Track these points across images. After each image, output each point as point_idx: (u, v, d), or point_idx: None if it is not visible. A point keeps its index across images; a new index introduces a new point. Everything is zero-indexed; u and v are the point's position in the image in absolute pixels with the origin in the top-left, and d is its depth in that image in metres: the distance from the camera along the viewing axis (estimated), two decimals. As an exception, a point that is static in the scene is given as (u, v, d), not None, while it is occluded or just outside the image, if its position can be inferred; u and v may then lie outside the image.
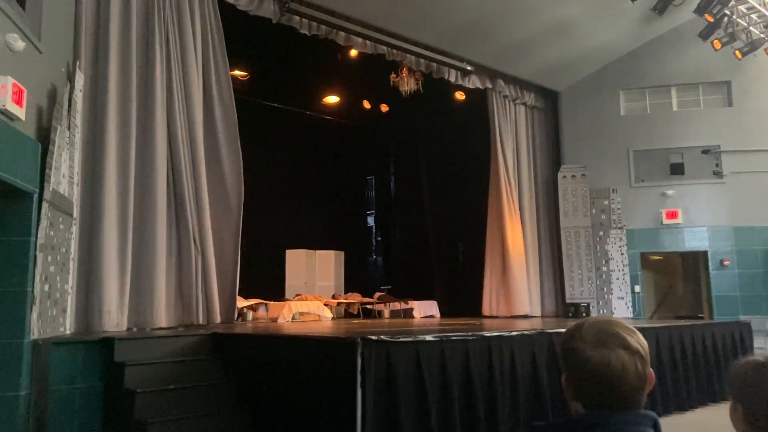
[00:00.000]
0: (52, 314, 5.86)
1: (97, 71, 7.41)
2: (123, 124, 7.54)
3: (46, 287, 5.64)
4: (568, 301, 13.14)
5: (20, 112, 5.13)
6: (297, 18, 9.75)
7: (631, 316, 12.72)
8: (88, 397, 5.82)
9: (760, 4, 11.33)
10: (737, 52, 11.75)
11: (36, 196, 5.44)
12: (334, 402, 5.08)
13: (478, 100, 13.96)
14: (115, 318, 7.15)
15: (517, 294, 12.84)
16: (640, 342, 1.42)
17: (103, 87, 7.40)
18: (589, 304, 12.92)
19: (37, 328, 5.35)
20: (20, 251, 5.29)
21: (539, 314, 13.18)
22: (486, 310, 13.18)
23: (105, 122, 7.30)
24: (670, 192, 13.01)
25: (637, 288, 13.00)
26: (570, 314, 12.97)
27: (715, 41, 11.50)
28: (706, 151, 12.98)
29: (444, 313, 14.48)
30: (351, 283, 15.32)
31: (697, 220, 12.88)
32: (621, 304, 12.87)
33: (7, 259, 5.26)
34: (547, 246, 13.68)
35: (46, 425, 5.44)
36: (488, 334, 6.10)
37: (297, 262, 14.76)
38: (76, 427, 5.70)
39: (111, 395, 5.88)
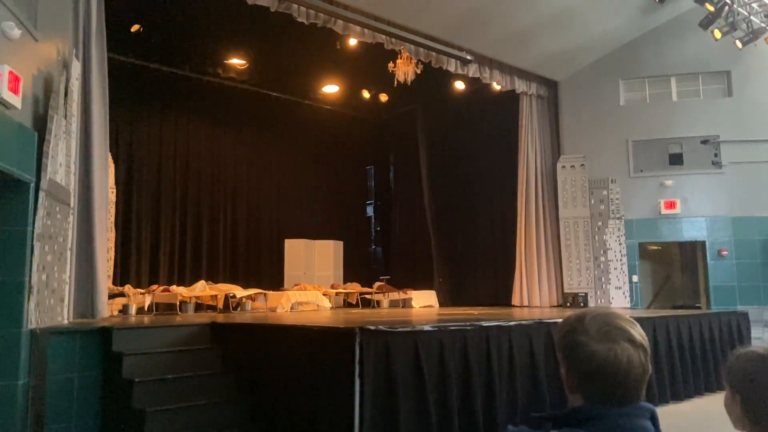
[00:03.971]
0: (49, 304, 5.86)
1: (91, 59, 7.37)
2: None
3: (44, 277, 5.63)
4: (566, 290, 13.17)
5: (16, 101, 5.10)
6: (295, 6, 9.68)
7: (628, 306, 12.74)
8: (87, 387, 5.82)
9: (761, -6, 11.26)
10: (737, 41, 11.69)
11: (33, 185, 5.42)
12: (332, 392, 5.09)
13: (479, 90, 13.93)
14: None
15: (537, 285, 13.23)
16: (641, 334, 1.41)
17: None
18: (587, 294, 12.94)
19: (34, 318, 5.35)
20: (17, 241, 5.28)
21: (538, 304, 13.21)
22: (516, 300, 13.40)
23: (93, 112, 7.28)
24: (668, 182, 12.99)
25: (635, 278, 13.01)
26: (568, 304, 13.00)
27: (716, 31, 11.42)
28: (705, 142, 12.95)
29: (442, 303, 14.52)
30: (350, 273, 15.33)
31: (696, 210, 12.87)
32: (619, 293, 12.89)
33: (5, 249, 5.25)
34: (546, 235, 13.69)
35: (45, 414, 5.45)
36: (486, 324, 6.10)
37: (296, 251, 14.76)
38: (75, 416, 5.71)
39: (109, 384, 5.88)
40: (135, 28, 11.34)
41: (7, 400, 5.09)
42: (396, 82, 12.17)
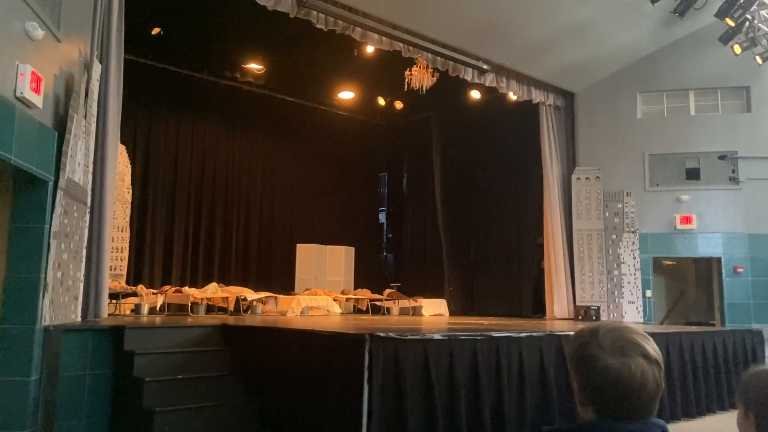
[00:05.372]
0: (64, 301, 5.91)
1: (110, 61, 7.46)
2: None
3: (59, 274, 5.69)
4: (578, 303, 13.06)
5: (38, 100, 5.17)
6: (314, 13, 9.75)
7: (641, 321, 12.60)
8: (97, 385, 5.87)
9: (782, 9, 11.16)
10: (758, 57, 11.59)
11: (51, 183, 5.49)
12: (341, 397, 5.09)
13: (494, 99, 13.91)
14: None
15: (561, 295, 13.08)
16: (656, 349, 1.39)
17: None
18: (599, 308, 12.83)
19: (48, 315, 5.40)
20: (34, 238, 5.34)
21: (566, 315, 13.04)
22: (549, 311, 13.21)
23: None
24: (684, 197, 12.87)
25: (649, 293, 12.88)
26: (580, 317, 12.89)
27: (736, 46, 11.33)
28: (722, 157, 12.82)
29: (452, 312, 14.46)
30: (361, 279, 15.34)
31: (712, 226, 12.74)
32: (632, 308, 12.77)
33: (22, 246, 5.31)
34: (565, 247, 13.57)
35: (55, 411, 5.50)
36: (496, 335, 6.07)
37: (307, 256, 14.79)
38: (85, 414, 5.75)
39: (120, 383, 5.93)
40: (156, 31, 11.46)
41: (20, 395, 5.14)
42: (412, 90, 12.20)
